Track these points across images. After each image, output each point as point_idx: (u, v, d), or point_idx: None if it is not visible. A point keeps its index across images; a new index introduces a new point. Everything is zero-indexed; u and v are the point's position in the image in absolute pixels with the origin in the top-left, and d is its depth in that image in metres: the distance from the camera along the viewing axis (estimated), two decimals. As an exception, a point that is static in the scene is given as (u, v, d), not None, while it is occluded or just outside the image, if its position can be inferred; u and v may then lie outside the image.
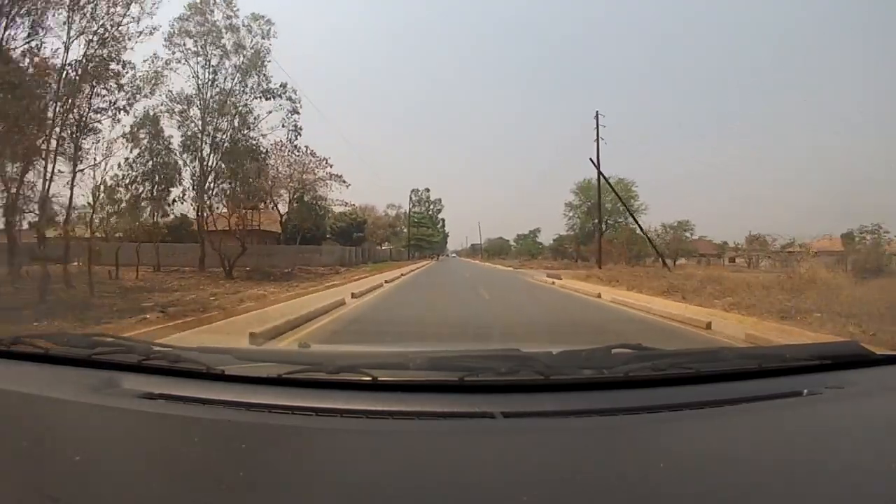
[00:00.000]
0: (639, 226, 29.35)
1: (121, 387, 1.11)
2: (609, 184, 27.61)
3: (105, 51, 12.67)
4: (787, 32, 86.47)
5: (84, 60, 12.32)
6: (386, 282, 14.72)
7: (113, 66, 12.89)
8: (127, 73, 13.00)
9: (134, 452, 0.89)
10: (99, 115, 12.89)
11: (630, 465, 0.84)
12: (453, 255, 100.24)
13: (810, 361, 1.29)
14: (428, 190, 75.38)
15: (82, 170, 11.83)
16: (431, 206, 76.39)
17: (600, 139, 26.20)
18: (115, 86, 13.19)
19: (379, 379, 1.10)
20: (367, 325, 6.76)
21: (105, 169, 12.15)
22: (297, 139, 19.87)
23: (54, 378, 1.18)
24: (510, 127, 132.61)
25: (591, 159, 25.88)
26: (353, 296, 9.85)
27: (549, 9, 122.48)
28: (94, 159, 12.11)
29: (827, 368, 1.28)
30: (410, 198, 71.16)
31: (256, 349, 2.81)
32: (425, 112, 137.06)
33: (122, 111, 13.07)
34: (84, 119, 12.36)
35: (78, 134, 12.11)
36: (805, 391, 1.13)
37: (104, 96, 13.04)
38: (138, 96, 13.80)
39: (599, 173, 26.92)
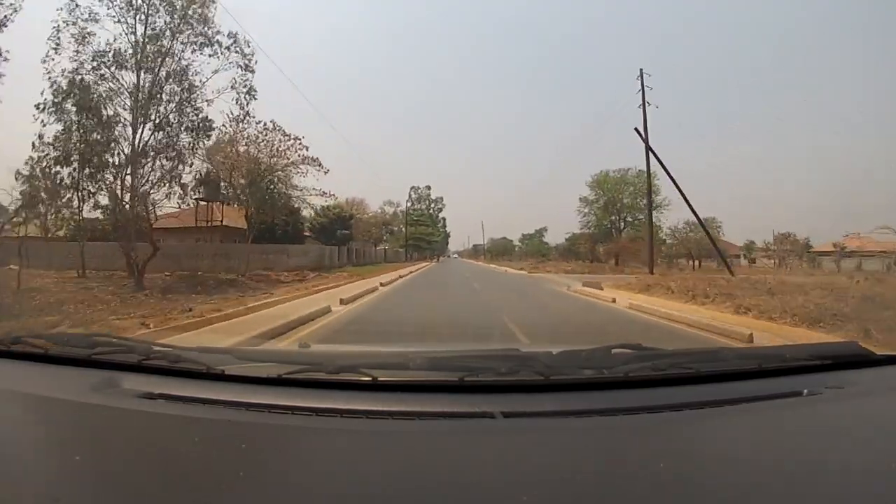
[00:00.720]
0: (700, 221, 21.04)
1: (121, 387, 1.09)
2: (658, 159, 19.42)
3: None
4: (786, 32, 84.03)
5: None
6: (342, 302, 9.21)
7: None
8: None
9: (134, 452, 0.88)
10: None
11: (630, 465, 0.83)
12: (454, 255, 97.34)
13: (810, 361, 1.27)
14: (429, 187, 71.62)
15: None
16: (432, 205, 72.67)
17: (647, 104, 20.00)
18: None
19: (379, 379, 1.09)
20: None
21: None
22: (249, 104, 15.30)
23: (54, 378, 1.18)
24: (511, 127, 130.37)
25: (636, 129, 19.94)
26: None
27: (549, 9, 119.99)
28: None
29: (827, 368, 1.26)
30: (409, 194, 67.43)
31: (256, 349, 2.77)
32: (425, 112, 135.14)
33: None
34: None
35: None
36: (805, 391, 1.11)
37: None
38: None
39: (648, 147, 19.82)
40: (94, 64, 13.58)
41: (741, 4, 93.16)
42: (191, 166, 14.65)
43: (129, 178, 13.43)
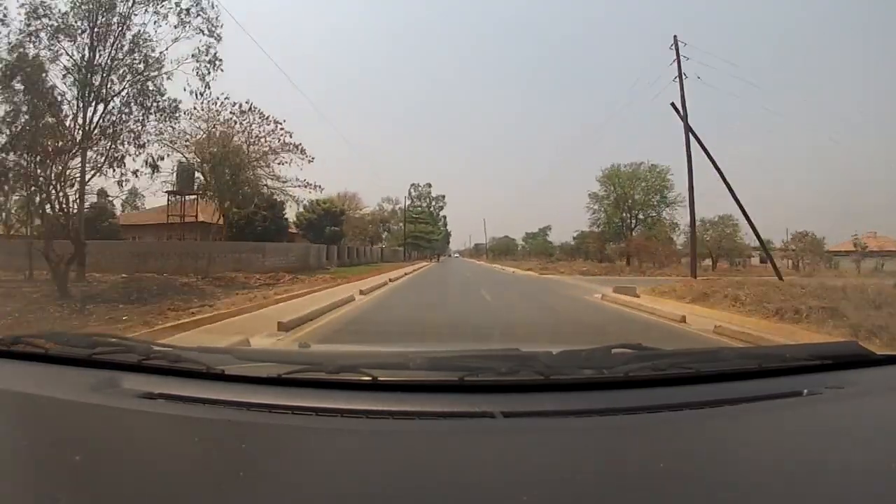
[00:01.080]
0: (746, 216, 15.88)
1: (121, 387, 1.09)
2: (700, 142, 16.02)
3: None
4: (786, 32, 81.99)
5: None
6: (280, 327, 6.25)
7: None
8: None
9: (134, 452, 0.88)
10: None
11: (630, 465, 0.83)
12: (456, 254, 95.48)
13: (810, 361, 1.27)
14: (430, 185, 70.01)
15: None
16: (433, 203, 70.79)
17: (684, 76, 16.65)
18: None
19: (379, 379, 1.09)
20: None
21: None
22: (211, 74, 13.27)
23: (54, 378, 1.18)
24: (512, 126, 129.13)
25: (672, 104, 16.95)
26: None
27: (549, 9, 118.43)
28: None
29: (827, 368, 1.26)
30: (409, 192, 65.51)
31: (256, 349, 2.82)
32: (426, 112, 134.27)
33: None
34: None
35: None
36: (805, 391, 1.11)
37: None
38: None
39: (687, 127, 16.44)
40: (32, 29, 11.61)
41: (741, 4, 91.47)
42: (142, 147, 12.59)
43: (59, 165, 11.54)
